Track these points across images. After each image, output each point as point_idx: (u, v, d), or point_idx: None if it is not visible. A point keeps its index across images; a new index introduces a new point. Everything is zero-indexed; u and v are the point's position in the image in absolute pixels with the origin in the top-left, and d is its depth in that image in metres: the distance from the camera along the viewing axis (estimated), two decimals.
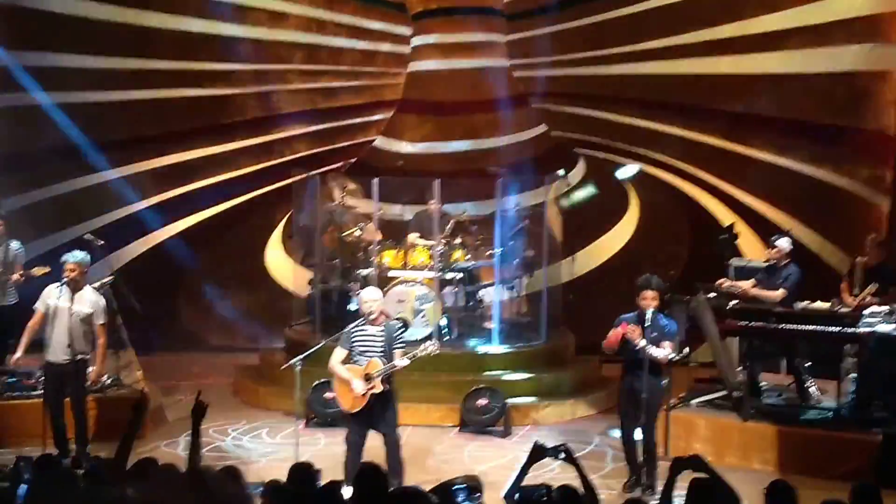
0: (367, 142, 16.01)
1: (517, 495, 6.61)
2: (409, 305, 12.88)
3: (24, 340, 10.40)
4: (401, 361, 9.24)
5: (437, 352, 9.52)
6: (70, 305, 10.10)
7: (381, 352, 9.25)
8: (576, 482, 6.43)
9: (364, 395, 9.23)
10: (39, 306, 10.26)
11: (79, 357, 10.21)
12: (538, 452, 6.69)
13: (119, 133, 15.16)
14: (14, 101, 14.76)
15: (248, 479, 6.86)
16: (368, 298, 9.50)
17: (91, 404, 10.70)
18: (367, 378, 9.21)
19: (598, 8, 15.08)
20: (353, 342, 9.39)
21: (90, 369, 10.44)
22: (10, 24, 14.74)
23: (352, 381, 9.28)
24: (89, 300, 10.30)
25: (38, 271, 11.74)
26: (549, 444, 6.77)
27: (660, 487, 8.38)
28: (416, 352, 9.38)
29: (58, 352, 10.12)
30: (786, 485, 6.50)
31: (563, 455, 6.63)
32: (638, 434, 9.93)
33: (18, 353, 10.50)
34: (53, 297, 10.17)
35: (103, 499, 6.17)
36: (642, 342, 9.48)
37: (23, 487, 6.75)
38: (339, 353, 9.45)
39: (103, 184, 15.27)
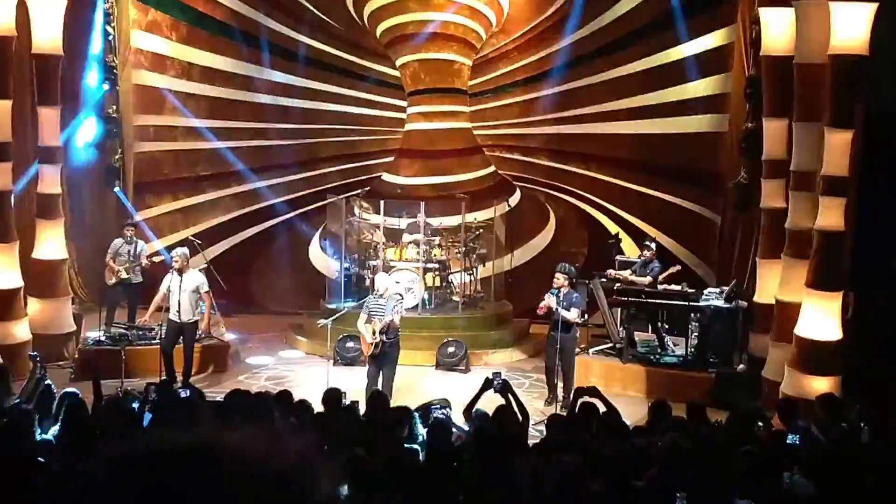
0: (377, 176, 15.96)
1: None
2: (404, 285, 12.87)
3: (151, 309, 10.67)
4: (389, 317, 9.31)
5: (398, 323, 9.49)
6: (180, 285, 10.16)
7: (383, 315, 9.38)
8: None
9: (371, 344, 9.35)
10: (162, 287, 10.40)
11: (191, 319, 10.32)
12: (487, 382, 6.77)
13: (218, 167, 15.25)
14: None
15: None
16: (380, 282, 9.87)
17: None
18: (374, 333, 9.34)
19: (529, 90, 15.08)
20: (370, 309, 9.59)
21: (202, 324, 10.60)
22: None
23: (365, 335, 9.48)
24: (195, 278, 10.40)
25: (156, 258, 11.95)
26: (494, 377, 6.84)
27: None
28: (391, 317, 9.34)
29: (175, 314, 10.22)
30: (664, 401, 6.65)
31: (501, 383, 6.70)
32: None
33: (146, 317, 10.77)
34: (168, 280, 10.31)
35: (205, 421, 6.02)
36: (557, 308, 9.71)
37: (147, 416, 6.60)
38: (362, 318, 9.67)
39: (204, 202, 15.28)
